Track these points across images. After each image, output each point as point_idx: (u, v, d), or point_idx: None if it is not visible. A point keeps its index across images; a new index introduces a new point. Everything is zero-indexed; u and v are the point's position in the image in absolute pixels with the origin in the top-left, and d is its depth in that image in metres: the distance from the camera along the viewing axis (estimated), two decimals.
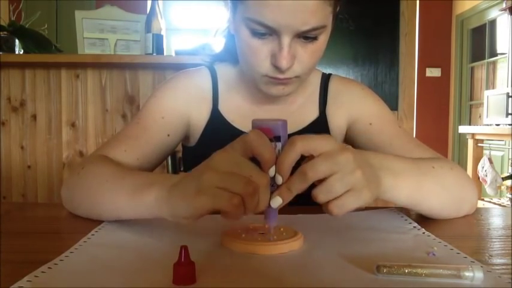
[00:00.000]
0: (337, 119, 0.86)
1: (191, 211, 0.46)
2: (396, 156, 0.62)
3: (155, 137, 0.78)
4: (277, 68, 0.69)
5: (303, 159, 0.48)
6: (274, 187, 0.47)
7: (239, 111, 0.85)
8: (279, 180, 0.47)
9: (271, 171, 0.47)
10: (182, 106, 0.82)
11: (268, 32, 0.66)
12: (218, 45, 0.89)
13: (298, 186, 0.47)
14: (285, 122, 0.49)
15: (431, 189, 0.63)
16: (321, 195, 0.47)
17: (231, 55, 0.84)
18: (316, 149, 0.47)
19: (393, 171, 0.57)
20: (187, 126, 0.84)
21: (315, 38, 0.68)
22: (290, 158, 0.46)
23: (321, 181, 0.47)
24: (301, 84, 0.77)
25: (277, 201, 0.48)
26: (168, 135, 0.80)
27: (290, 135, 0.49)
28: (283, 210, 0.68)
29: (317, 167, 0.46)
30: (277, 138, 0.48)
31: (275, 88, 0.73)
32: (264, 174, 0.46)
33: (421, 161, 0.65)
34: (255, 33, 0.67)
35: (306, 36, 0.67)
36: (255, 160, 0.46)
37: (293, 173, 0.48)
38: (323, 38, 0.70)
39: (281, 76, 0.70)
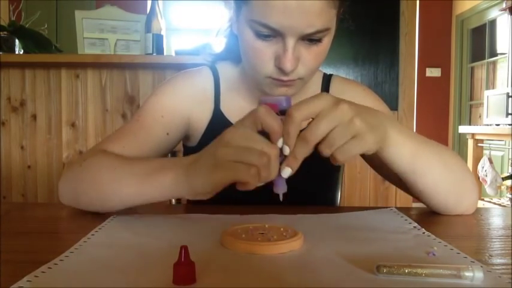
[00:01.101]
0: None
1: (211, 186, 0.51)
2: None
3: (154, 136, 0.79)
4: (281, 70, 0.69)
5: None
6: (281, 157, 0.51)
7: (241, 111, 0.84)
8: (287, 150, 0.51)
9: (280, 143, 0.50)
10: (182, 105, 0.83)
11: (272, 34, 0.67)
12: (218, 45, 0.89)
13: (303, 153, 0.51)
14: (289, 97, 0.53)
15: (433, 161, 0.64)
16: (326, 149, 0.51)
17: (233, 54, 0.84)
18: (313, 112, 0.50)
19: (398, 128, 0.60)
20: (188, 126, 0.84)
21: (319, 41, 0.68)
22: (293, 129, 0.50)
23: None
24: (304, 85, 0.77)
25: (287, 171, 0.51)
26: (167, 134, 0.80)
27: None
28: (283, 210, 0.68)
29: (315, 129, 0.50)
30: (283, 112, 0.51)
31: (278, 90, 0.74)
32: (273, 145, 0.50)
33: (424, 137, 0.67)
34: (259, 35, 0.68)
35: (310, 39, 0.67)
36: (262, 134, 0.50)
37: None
38: (327, 40, 0.70)
39: (285, 78, 0.70)
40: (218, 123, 0.84)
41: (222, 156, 0.49)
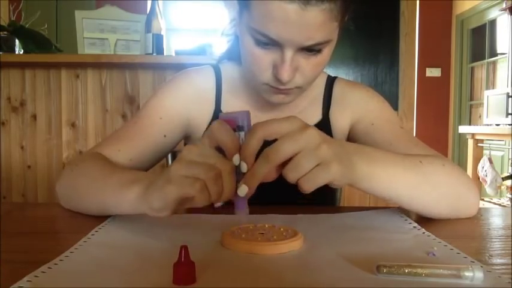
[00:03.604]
0: (341, 122, 0.86)
1: (163, 201, 0.48)
2: (377, 148, 0.62)
3: (151, 138, 0.79)
4: (278, 79, 0.68)
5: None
6: (240, 175, 0.48)
7: None
8: (244, 167, 0.48)
9: (236, 159, 0.48)
10: (182, 107, 0.82)
11: (271, 43, 0.66)
12: (219, 45, 0.89)
13: (262, 170, 0.47)
14: (247, 112, 0.51)
15: (415, 185, 0.62)
16: (290, 174, 0.48)
17: (236, 55, 0.84)
18: (278, 132, 0.48)
19: (369, 159, 0.57)
20: (187, 127, 0.84)
21: (318, 51, 0.68)
22: (252, 145, 0.47)
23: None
24: (302, 93, 0.77)
25: (243, 190, 0.48)
26: (165, 136, 0.80)
27: None
28: (283, 210, 0.68)
29: (279, 148, 0.47)
30: (241, 128, 0.50)
31: (276, 97, 0.73)
32: (226, 161, 0.47)
33: (408, 155, 0.64)
34: (259, 43, 0.67)
35: (310, 49, 0.67)
36: (221, 151, 0.48)
37: None
38: (327, 51, 0.69)
39: (281, 87, 0.70)
40: None
41: (173, 171, 0.47)
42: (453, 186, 0.66)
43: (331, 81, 0.89)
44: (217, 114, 0.83)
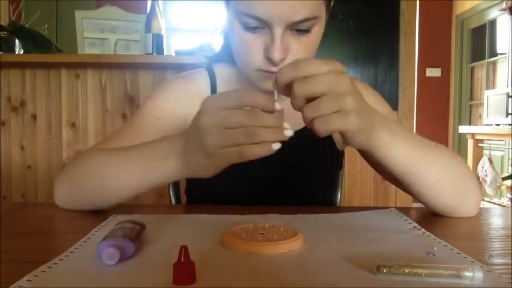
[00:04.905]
0: None
1: (211, 171, 0.56)
2: (400, 124, 0.64)
3: (149, 139, 0.79)
4: (270, 61, 0.68)
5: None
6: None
7: None
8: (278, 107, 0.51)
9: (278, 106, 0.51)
10: (178, 109, 0.83)
11: (260, 25, 0.67)
12: (218, 44, 0.90)
13: (285, 79, 0.51)
14: None
15: (431, 163, 0.64)
16: (309, 110, 0.50)
17: (230, 55, 0.85)
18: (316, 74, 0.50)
19: (392, 130, 0.59)
20: (183, 129, 0.85)
21: (308, 31, 0.68)
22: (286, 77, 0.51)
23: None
24: None
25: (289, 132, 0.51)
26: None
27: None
28: (283, 210, 0.68)
29: (309, 81, 0.49)
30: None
31: (269, 83, 0.73)
32: (254, 115, 0.50)
33: (423, 138, 0.67)
34: (248, 27, 0.68)
35: (299, 29, 0.67)
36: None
37: None
38: (316, 31, 0.70)
39: (274, 69, 0.70)
40: None
41: (210, 145, 0.51)
42: (462, 176, 0.68)
43: None
44: None
